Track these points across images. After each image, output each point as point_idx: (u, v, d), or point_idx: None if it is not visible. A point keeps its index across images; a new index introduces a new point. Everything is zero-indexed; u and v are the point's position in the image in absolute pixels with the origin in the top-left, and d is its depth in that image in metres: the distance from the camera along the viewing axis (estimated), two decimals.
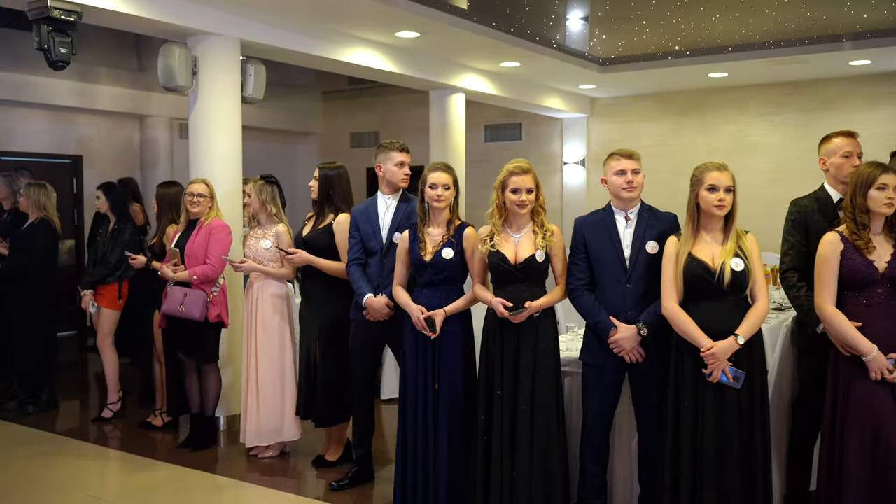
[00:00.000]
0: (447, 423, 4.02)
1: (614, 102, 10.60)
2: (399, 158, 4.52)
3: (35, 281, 6.21)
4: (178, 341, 5.34)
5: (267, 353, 5.04)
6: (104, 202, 6.10)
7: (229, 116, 5.77)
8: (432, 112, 8.40)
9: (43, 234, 6.22)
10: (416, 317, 3.99)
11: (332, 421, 4.89)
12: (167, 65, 5.49)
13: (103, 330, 6.03)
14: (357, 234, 4.52)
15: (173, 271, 5.18)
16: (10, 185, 6.74)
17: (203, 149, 5.73)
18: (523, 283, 3.83)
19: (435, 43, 7.07)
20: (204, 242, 5.18)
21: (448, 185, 4.08)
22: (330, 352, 4.77)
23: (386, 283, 4.37)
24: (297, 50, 6.28)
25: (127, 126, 10.68)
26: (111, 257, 5.92)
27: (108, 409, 6.11)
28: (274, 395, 5.06)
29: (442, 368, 4.03)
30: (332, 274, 4.73)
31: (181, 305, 5.11)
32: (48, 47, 4.70)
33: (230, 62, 5.76)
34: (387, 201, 4.52)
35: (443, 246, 4.05)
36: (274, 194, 5.09)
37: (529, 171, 3.86)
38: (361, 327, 4.50)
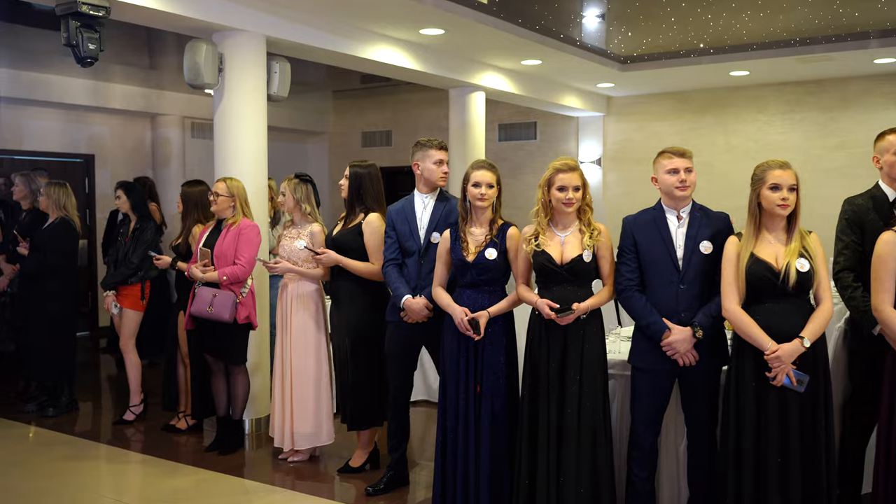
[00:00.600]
0: (489, 428, 3.93)
1: (631, 101, 10.51)
2: (437, 156, 4.41)
3: (55, 281, 6.10)
4: (206, 343, 5.24)
5: (301, 355, 4.94)
6: (125, 201, 5.99)
7: (255, 114, 5.67)
8: (452, 111, 8.30)
9: (63, 234, 6.11)
10: (460, 318, 3.89)
11: (362, 424, 4.77)
12: (193, 62, 5.38)
13: (126, 331, 5.93)
14: (393, 234, 4.42)
15: (202, 272, 5.07)
16: (28, 185, 6.62)
17: (229, 147, 5.62)
18: (570, 284, 3.74)
19: (459, 40, 6.97)
20: (233, 243, 5.08)
21: (492, 183, 3.99)
22: (359, 354, 4.68)
23: (424, 284, 4.28)
24: (322, 47, 6.18)
25: (138, 125, 10.59)
26: (134, 257, 5.82)
27: (131, 412, 6.01)
28: (308, 398, 4.95)
29: (485, 371, 3.94)
30: (360, 275, 4.63)
31: (210, 306, 5.01)
32: (76, 43, 4.60)
33: (256, 59, 5.66)
34: (424, 200, 4.42)
35: (486, 246, 3.96)
36: (308, 193, 5.00)
37: (576, 169, 3.77)
38: (398, 329, 4.40)
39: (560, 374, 3.70)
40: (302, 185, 4.99)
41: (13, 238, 6.51)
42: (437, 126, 12.16)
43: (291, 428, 4.98)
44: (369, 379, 4.69)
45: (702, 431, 3.68)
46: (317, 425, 4.98)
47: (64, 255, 6.12)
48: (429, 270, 4.27)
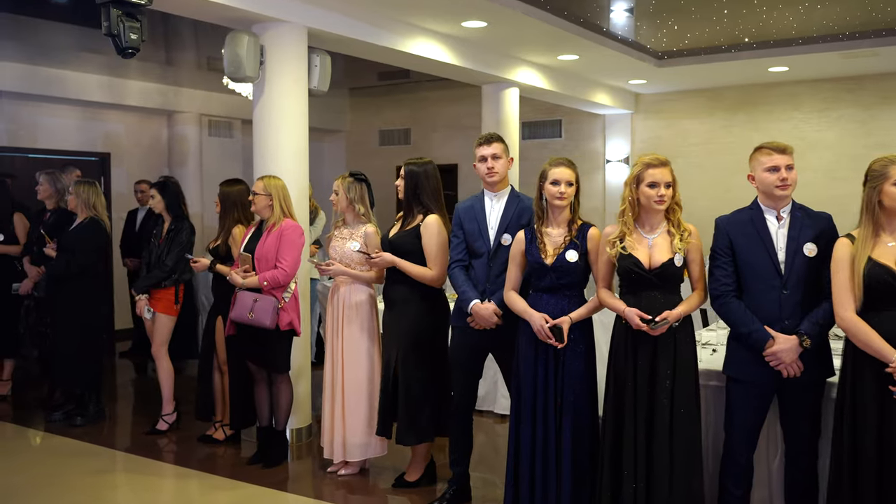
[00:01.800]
0: (571, 442, 3.68)
1: (661, 98, 10.26)
2: (480, 153, 4.17)
3: (84, 284, 5.83)
4: (247, 350, 4.97)
5: (353, 362, 4.68)
6: (159, 201, 5.71)
7: (296, 110, 5.41)
8: (485, 107, 8.04)
9: (93, 234, 5.84)
10: (540, 325, 3.64)
11: (414, 438, 4.49)
12: (234, 54, 5.11)
13: (159, 337, 5.66)
14: (461, 234, 4.17)
15: (242, 277, 4.81)
16: (53, 184, 6.34)
17: (271, 144, 5.36)
18: (658, 290, 3.49)
19: (499, 33, 6.72)
20: (275, 245, 4.81)
21: (571, 181, 3.74)
22: (412, 362, 4.41)
23: (493, 288, 4.03)
24: (362, 39, 5.92)
25: (154, 122, 10.31)
26: (168, 260, 5.54)
27: (163, 421, 5.73)
28: (360, 407, 4.69)
29: (565, 381, 3.69)
30: (417, 279, 4.37)
31: (250, 312, 4.75)
32: (118, 33, 4.33)
33: (298, 51, 5.39)
34: (493, 199, 4.16)
35: (566, 248, 3.72)
36: (363, 193, 4.74)
37: (668, 164, 3.53)
38: (464, 335, 4.15)
39: (650, 384, 3.46)
40: (356, 185, 4.74)
41: (38, 238, 6.23)
42: (458, 124, 11.92)
43: (343, 438, 4.72)
44: (424, 389, 4.44)
45: (802, 448, 3.44)
46: (369, 436, 4.72)
47: (93, 256, 5.85)
48: (498, 273, 4.04)
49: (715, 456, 3.66)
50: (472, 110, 11.90)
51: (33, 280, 6.26)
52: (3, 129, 8.77)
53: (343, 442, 4.72)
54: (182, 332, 7.37)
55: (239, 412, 5.36)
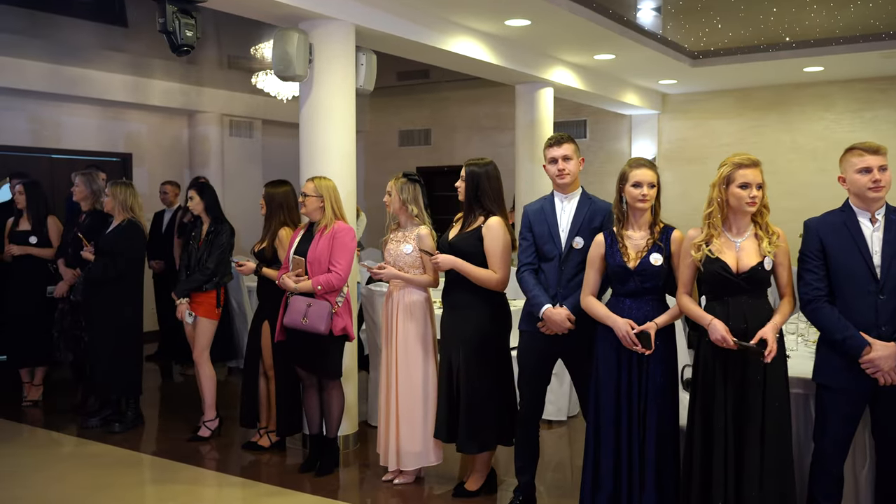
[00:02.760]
0: (655, 453, 3.58)
1: (688, 98, 10.16)
2: (549, 154, 4.05)
3: (122, 288, 5.70)
4: (299, 356, 4.85)
5: (408, 367, 4.56)
6: (198, 202, 5.58)
7: (344, 109, 5.29)
8: (519, 107, 7.93)
9: (131, 237, 5.71)
10: (625, 331, 3.53)
11: (476, 447, 4.37)
12: (284, 51, 4.99)
13: (201, 342, 5.53)
14: (530, 236, 4.05)
15: (295, 281, 4.68)
16: (90, 185, 6.20)
17: (319, 145, 5.24)
18: (746, 295, 3.38)
19: (540, 32, 6.61)
20: (327, 248, 4.69)
21: (653, 182, 3.64)
22: (475, 368, 4.29)
23: (565, 293, 3.91)
24: (406, 37, 5.80)
25: (176, 123, 10.18)
26: (209, 262, 5.42)
27: (206, 428, 5.60)
28: (415, 414, 4.56)
29: (649, 389, 3.58)
30: (479, 282, 4.25)
31: (304, 318, 4.62)
32: (173, 30, 4.22)
33: (346, 49, 5.28)
34: (563, 201, 4.04)
35: (649, 251, 3.61)
36: (416, 193, 4.61)
37: (758, 164, 3.43)
38: (533, 341, 4.03)
39: (739, 393, 3.34)
40: (409, 185, 4.62)
41: (73, 241, 6.10)
42: (479, 125, 11.82)
43: (397, 446, 4.60)
44: (487, 396, 4.32)
45: None
46: (425, 444, 4.60)
47: (132, 259, 5.72)
48: (570, 277, 3.93)
49: (798, 466, 3.55)
50: (493, 111, 11.83)
51: (68, 283, 6.12)
52: (26, 129, 8.63)
53: (397, 450, 4.60)
54: None
55: (285, 419, 5.25)
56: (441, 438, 4.46)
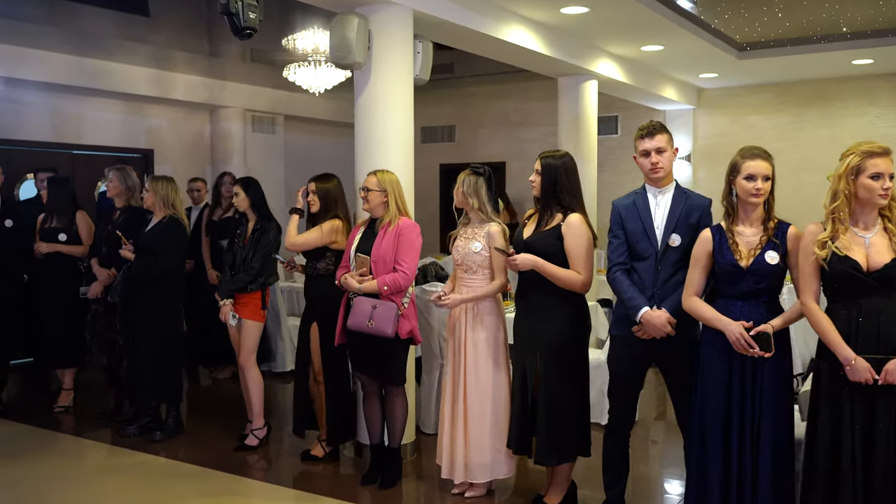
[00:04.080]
0: (770, 464, 3.30)
1: (725, 93, 9.90)
2: (641, 146, 3.77)
3: (164, 288, 5.40)
4: (360, 360, 4.57)
5: (477, 375, 4.27)
6: (244, 199, 5.28)
7: (405, 99, 5.00)
8: (562, 101, 7.65)
9: (174, 234, 5.42)
10: (738, 334, 3.26)
11: (557, 458, 4.08)
12: (343, 37, 4.70)
13: (247, 345, 5.23)
14: (621, 234, 3.77)
15: (359, 282, 4.40)
16: (124, 181, 5.89)
17: (376, 137, 4.95)
18: (878, 295, 3.11)
19: (594, 20, 6.34)
20: (392, 246, 4.40)
21: (768, 175, 3.36)
22: (554, 375, 4.00)
23: (662, 294, 3.64)
24: (463, 24, 5.52)
25: (197, 118, 9.89)
26: (254, 262, 5.12)
27: (253, 436, 5.30)
28: (485, 424, 4.28)
29: (763, 397, 3.31)
30: (562, 284, 3.95)
31: (370, 320, 4.33)
32: (236, 11, 3.93)
33: (404, 36, 4.99)
34: (657, 196, 3.76)
35: (763, 249, 3.33)
36: (477, 186, 4.30)
37: (889, 153, 3.15)
38: (627, 346, 3.76)
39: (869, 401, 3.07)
40: (471, 178, 4.31)
41: (109, 239, 5.80)
42: (505, 120, 11.55)
43: (465, 458, 4.31)
44: (568, 405, 4.03)
45: None
46: (495, 455, 4.31)
47: (175, 258, 5.43)
48: (667, 277, 3.65)
49: None
50: (520, 106, 11.56)
51: (103, 283, 5.81)
52: (48, 124, 8.33)
53: (465, 461, 4.31)
54: None
55: (339, 427, 4.98)
56: (515, 450, 4.18)
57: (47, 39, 7.64)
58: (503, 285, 4.27)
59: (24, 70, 7.56)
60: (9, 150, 7.67)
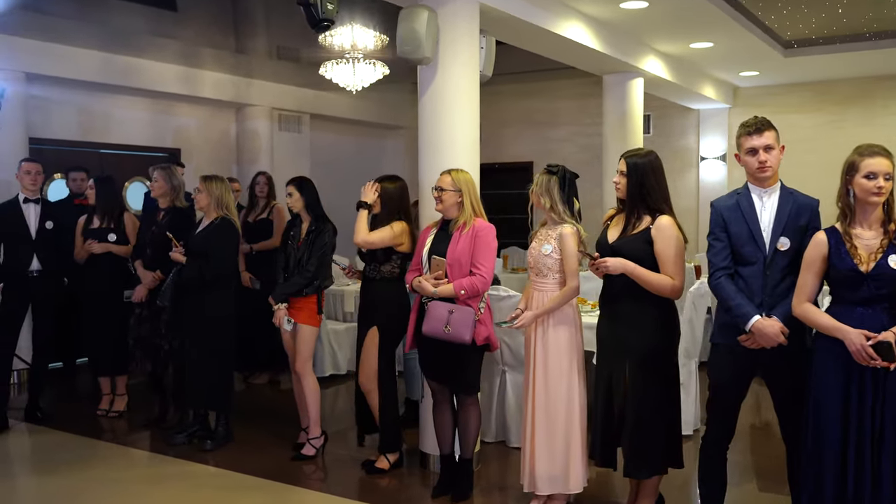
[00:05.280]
0: (894, 483, 3.11)
1: (763, 92, 9.74)
2: (749, 144, 3.56)
3: (215, 292, 5.21)
4: (433, 368, 4.38)
5: (547, 382, 4.06)
6: (298, 199, 5.08)
7: (471, 95, 4.82)
8: (607, 99, 7.49)
9: (227, 236, 5.22)
10: (860, 343, 3.08)
11: (647, 471, 3.89)
12: (412, 30, 4.52)
13: (304, 351, 5.04)
14: (724, 237, 3.58)
15: (434, 285, 4.21)
16: (170, 180, 5.69)
17: (444, 135, 4.76)
18: None
19: (654, 16, 6.17)
20: (468, 248, 4.22)
21: (889, 173, 3.18)
22: (642, 384, 3.80)
23: (771, 302, 3.45)
24: (527, 20, 5.36)
25: (223, 117, 9.68)
26: (310, 265, 4.93)
27: (311, 446, 5.11)
28: (557, 434, 4.07)
29: (885, 412, 3.13)
30: (653, 289, 3.76)
31: (447, 326, 4.15)
32: (314, 2, 3.74)
33: (471, 31, 4.81)
34: (762, 196, 3.57)
35: (885, 252, 3.15)
36: (550, 185, 4.10)
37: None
38: (731, 356, 3.56)
39: None
40: (544, 177, 4.12)
41: (154, 240, 5.60)
42: (531, 119, 11.38)
43: (532, 468, 4.12)
44: (657, 415, 3.84)
45: None
46: (564, 468, 4.09)
47: (229, 261, 5.24)
48: (776, 283, 3.46)
49: None
50: (546, 105, 11.39)
51: (147, 287, 5.61)
52: (75, 122, 8.12)
53: (532, 472, 4.12)
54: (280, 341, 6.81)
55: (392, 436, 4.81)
56: (599, 462, 3.99)
57: (76, 35, 7.45)
58: (577, 289, 4.08)
59: (52, 66, 7.36)
60: (39, 150, 7.45)
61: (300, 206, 5.11)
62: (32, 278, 5.71)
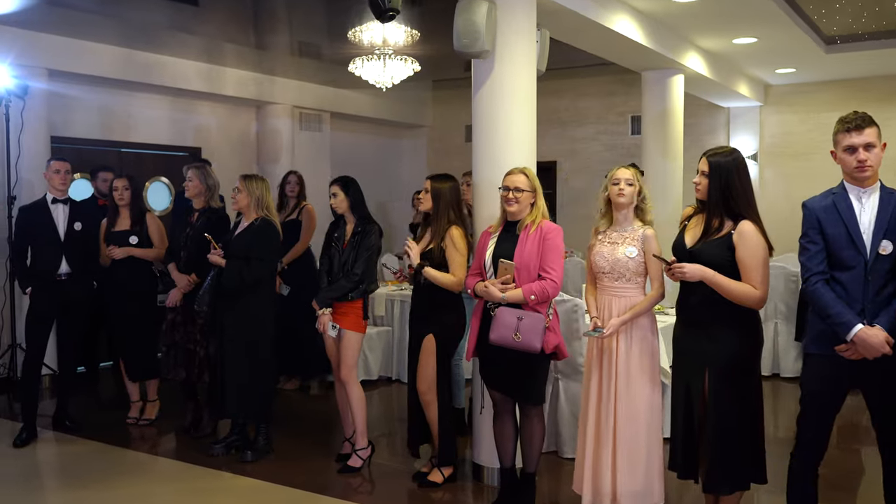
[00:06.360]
0: None
1: (794, 90, 9.53)
2: (847, 142, 3.31)
3: (256, 297, 4.98)
4: (497, 377, 4.16)
5: (629, 393, 3.86)
6: (342, 200, 4.87)
7: (529, 91, 4.62)
8: (646, 97, 7.28)
9: (269, 238, 5.00)
10: None
11: (728, 486, 3.66)
12: (471, 23, 4.30)
13: (349, 358, 4.82)
14: (819, 239, 3.35)
15: (501, 290, 3.99)
16: (204, 180, 5.47)
17: (500, 132, 4.56)
18: None
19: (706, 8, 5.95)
20: (536, 251, 4.00)
21: None
22: (725, 395, 3.57)
23: (874, 309, 3.23)
24: (581, 13, 5.16)
25: (244, 115, 9.46)
26: (356, 268, 4.72)
27: (357, 457, 4.88)
28: (639, 448, 3.87)
29: None
30: (735, 299, 3.53)
31: (516, 333, 3.93)
32: None
33: (528, 23, 4.60)
34: (861, 197, 3.35)
35: None
36: (643, 183, 3.95)
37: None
38: (827, 367, 3.33)
39: None
40: (635, 172, 3.96)
41: (188, 242, 5.38)
42: (555, 118, 11.16)
43: (613, 485, 3.91)
44: (740, 427, 3.62)
45: None
46: (647, 482, 3.91)
47: (269, 264, 5.02)
48: (878, 289, 3.24)
49: None
50: (571, 104, 11.16)
51: (182, 290, 5.39)
52: (96, 121, 7.88)
53: (613, 489, 3.90)
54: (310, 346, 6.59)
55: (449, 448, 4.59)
56: (681, 474, 3.78)
57: (98, 30, 7.21)
58: (664, 295, 3.88)
59: (75, 63, 7.15)
60: (59, 149, 7.21)
61: (345, 207, 4.90)
62: (61, 281, 5.48)
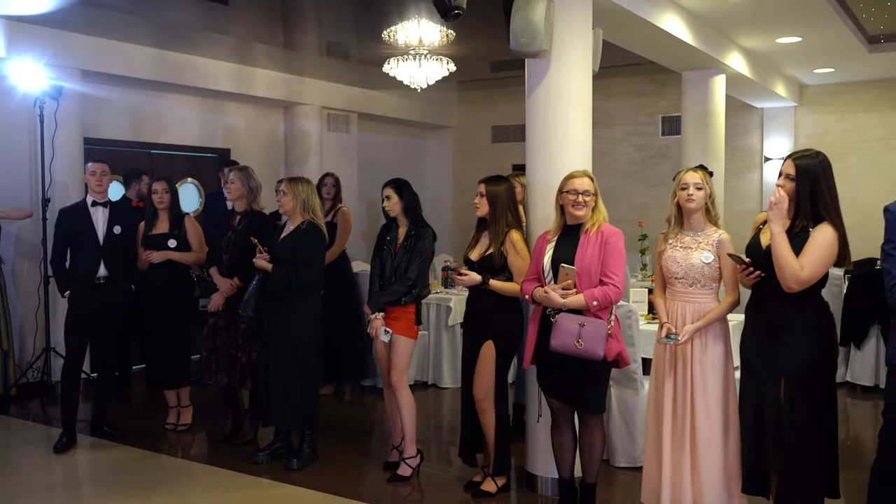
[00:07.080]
0: None
1: (830, 90, 9.38)
2: None
3: (303, 302, 4.88)
4: (556, 385, 4.05)
5: (707, 402, 3.75)
6: (396, 203, 4.75)
7: (585, 92, 4.50)
8: (686, 97, 7.16)
9: (315, 242, 4.90)
10: None
11: (800, 502, 3.56)
12: (530, 21, 4.19)
13: (400, 363, 4.71)
14: None
15: (562, 296, 3.87)
16: (246, 182, 5.37)
17: (556, 134, 4.46)
18: None
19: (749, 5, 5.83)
20: (597, 255, 3.89)
21: None
22: (801, 404, 3.46)
23: None
24: (634, 12, 5.04)
25: (271, 116, 9.37)
26: (410, 272, 4.61)
27: (406, 465, 4.77)
28: (716, 456, 3.75)
29: None
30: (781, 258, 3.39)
31: (579, 340, 3.82)
32: None
33: (584, 22, 4.50)
34: None
35: None
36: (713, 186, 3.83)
37: None
38: None
39: None
40: (705, 175, 3.84)
41: (230, 246, 5.29)
42: None
43: (694, 496, 3.79)
44: (816, 439, 3.51)
45: None
46: (727, 490, 3.78)
47: (316, 268, 4.91)
48: None
49: None
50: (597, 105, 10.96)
51: (225, 295, 5.29)
52: (127, 122, 7.80)
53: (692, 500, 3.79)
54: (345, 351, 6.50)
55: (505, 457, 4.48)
56: (748, 489, 3.67)
57: (129, 30, 7.14)
58: (738, 301, 3.76)
59: (107, 63, 7.07)
60: (91, 150, 7.14)
61: (398, 210, 4.79)
62: (100, 286, 5.40)
